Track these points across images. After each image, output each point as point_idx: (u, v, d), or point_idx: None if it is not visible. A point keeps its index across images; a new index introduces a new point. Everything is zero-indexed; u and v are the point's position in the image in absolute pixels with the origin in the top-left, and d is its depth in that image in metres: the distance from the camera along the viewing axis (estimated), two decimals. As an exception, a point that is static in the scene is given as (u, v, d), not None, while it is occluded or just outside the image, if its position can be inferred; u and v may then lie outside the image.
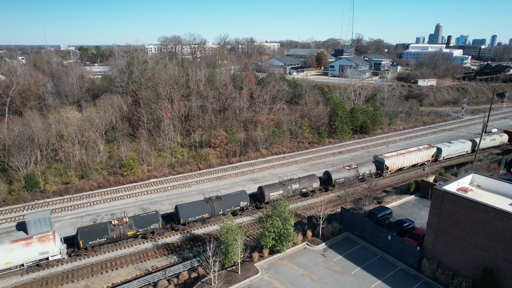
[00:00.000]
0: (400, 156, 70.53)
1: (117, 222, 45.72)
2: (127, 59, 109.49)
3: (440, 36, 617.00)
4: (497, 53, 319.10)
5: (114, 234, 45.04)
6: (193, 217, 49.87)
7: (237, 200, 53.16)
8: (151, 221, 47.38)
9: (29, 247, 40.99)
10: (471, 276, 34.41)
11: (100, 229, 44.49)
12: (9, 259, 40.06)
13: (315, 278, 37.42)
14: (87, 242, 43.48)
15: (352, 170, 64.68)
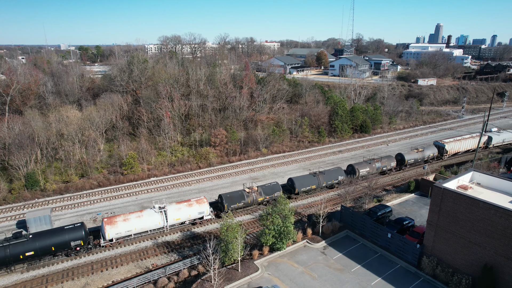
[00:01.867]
0: (457, 142, 79.86)
1: (250, 190, 54.12)
2: (127, 59, 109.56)
3: (440, 36, 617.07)
4: (497, 52, 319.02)
5: (248, 199, 53.78)
6: (304, 187, 58.72)
7: (336, 174, 62.59)
8: (275, 190, 55.87)
9: (191, 207, 49.95)
10: (471, 274, 34.44)
11: (238, 195, 52.94)
12: (178, 216, 49.28)
13: (315, 276, 37.45)
14: (230, 205, 52.02)
15: (420, 153, 74.00)
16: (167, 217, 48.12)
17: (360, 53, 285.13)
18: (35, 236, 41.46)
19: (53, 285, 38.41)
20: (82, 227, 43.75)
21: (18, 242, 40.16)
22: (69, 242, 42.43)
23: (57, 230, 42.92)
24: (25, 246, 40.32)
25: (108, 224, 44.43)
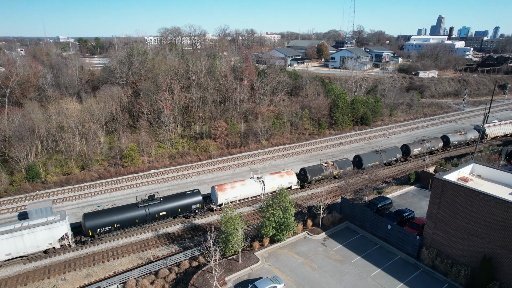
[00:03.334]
0: (496, 126, 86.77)
1: (326, 165, 62.00)
2: (127, 51, 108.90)
3: (442, 28, 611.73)
4: (499, 44, 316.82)
5: (326, 172, 61.16)
6: (370, 163, 65.76)
7: (394, 152, 70.40)
8: (347, 165, 63.74)
9: (282, 178, 57.39)
10: (469, 264, 34.68)
11: (318, 168, 60.92)
12: (273, 185, 56.07)
13: (315, 267, 37.73)
14: (312, 177, 59.33)
15: (463, 135, 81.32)
16: (264, 185, 55.73)
17: (361, 45, 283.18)
18: (165, 199, 48.93)
19: (55, 276, 38.76)
20: (200, 193, 51.41)
21: (153, 203, 47.38)
22: (191, 205, 50.24)
23: (181, 195, 50.42)
24: (159, 207, 47.65)
25: (219, 191, 51.87)
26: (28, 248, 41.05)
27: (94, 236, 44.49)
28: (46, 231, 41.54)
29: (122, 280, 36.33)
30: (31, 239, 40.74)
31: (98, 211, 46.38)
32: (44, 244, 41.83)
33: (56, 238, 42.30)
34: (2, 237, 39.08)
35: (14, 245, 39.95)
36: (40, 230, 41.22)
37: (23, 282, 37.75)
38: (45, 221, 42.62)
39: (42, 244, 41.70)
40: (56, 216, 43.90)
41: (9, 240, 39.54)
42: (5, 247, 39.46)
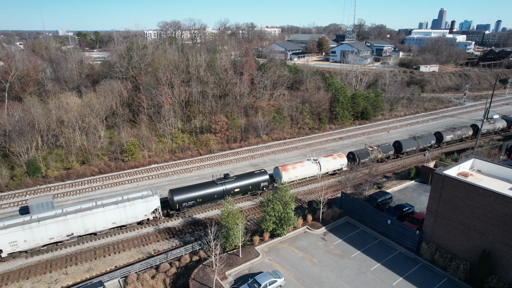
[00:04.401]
0: None
1: (372, 149, 67.40)
2: (127, 45, 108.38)
3: (443, 21, 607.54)
4: (501, 38, 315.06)
5: (372, 156, 66.74)
6: (409, 148, 71.76)
7: (429, 139, 75.94)
8: (389, 149, 69.69)
9: (335, 160, 62.59)
10: (469, 259, 34.87)
11: (365, 152, 66.22)
12: (327, 166, 61.47)
13: (315, 261, 37.95)
14: (361, 159, 64.75)
15: (492, 125, 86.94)
16: (320, 167, 60.86)
17: (361, 39, 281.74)
18: (238, 177, 54.11)
19: (57, 270, 39.02)
20: (267, 173, 56.83)
21: (229, 181, 52.74)
22: (260, 183, 55.60)
23: (251, 174, 55.71)
24: (233, 184, 52.91)
25: (283, 171, 57.12)
26: (129, 218, 46.46)
27: (180, 209, 49.28)
28: (143, 204, 46.73)
29: (123, 274, 36.58)
30: (131, 210, 46.15)
31: (183, 187, 51.23)
32: (141, 215, 47.16)
33: (150, 211, 47.55)
34: (109, 207, 44.56)
35: (118, 215, 45.42)
36: (139, 203, 46.39)
37: (25, 276, 38.02)
38: (141, 195, 47.74)
39: (139, 215, 47.05)
40: (148, 191, 48.77)
41: (115, 210, 44.95)
42: (111, 216, 44.98)
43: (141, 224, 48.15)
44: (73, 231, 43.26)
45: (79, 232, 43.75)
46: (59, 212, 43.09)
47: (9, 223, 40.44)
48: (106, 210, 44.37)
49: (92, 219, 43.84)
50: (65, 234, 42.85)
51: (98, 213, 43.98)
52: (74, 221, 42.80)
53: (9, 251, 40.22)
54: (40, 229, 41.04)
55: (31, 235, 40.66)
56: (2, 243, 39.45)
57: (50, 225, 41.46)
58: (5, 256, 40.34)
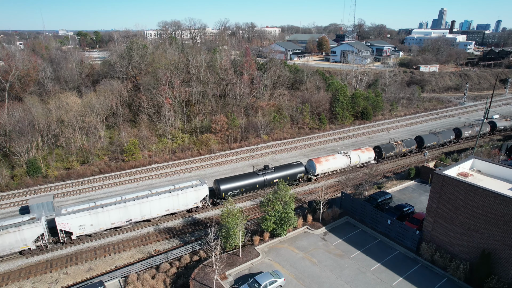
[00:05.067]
0: None
1: (396, 143, 70.53)
2: (127, 44, 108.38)
3: (443, 21, 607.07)
4: (501, 38, 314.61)
5: (397, 150, 69.63)
6: (430, 143, 75.09)
7: (449, 134, 79.75)
8: (412, 144, 72.79)
9: (363, 153, 65.58)
10: (468, 259, 34.92)
11: (390, 146, 69.16)
12: (356, 159, 64.50)
13: (315, 261, 37.99)
14: (386, 153, 68.42)
15: (509, 121, 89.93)
16: (350, 159, 63.41)
17: (362, 39, 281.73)
18: (277, 168, 57.38)
19: (57, 270, 39.08)
20: (302, 164, 59.78)
21: (269, 172, 56.12)
22: (296, 174, 58.52)
23: (288, 165, 58.78)
24: (273, 175, 56.09)
25: (317, 163, 60.26)
26: (181, 206, 49.76)
27: (225, 198, 51.60)
28: (194, 192, 50.09)
29: (124, 274, 36.62)
30: (183, 198, 49.44)
31: (228, 177, 54.77)
32: (191, 203, 50.51)
33: (199, 199, 50.94)
34: (164, 195, 47.93)
35: (171, 202, 48.59)
36: (190, 192, 49.66)
37: (25, 276, 38.08)
38: (191, 184, 51.02)
39: (190, 203, 50.38)
40: (197, 181, 51.95)
41: (169, 198, 48.22)
42: (165, 204, 48.25)
43: (190, 212, 51.41)
44: (132, 217, 46.70)
45: (137, 218, 47.18)
46: (119, 200, 46.64)
47: (78, 208, 44.12)
48: (161, 198, 47.66)
49: (149, 206, 47.21)
50: (125, 219, 46.32)
51: (154, 200, 47.37)
52: (133, 207, 46.20)
53: (78, 233, 43.82)
54: (104, 214, 44.58)
55: (96, 220, 44.30)
56: (73, 226, 43.19)
57: (112, 211, 44.99)
58: (75, 238, 44.03)
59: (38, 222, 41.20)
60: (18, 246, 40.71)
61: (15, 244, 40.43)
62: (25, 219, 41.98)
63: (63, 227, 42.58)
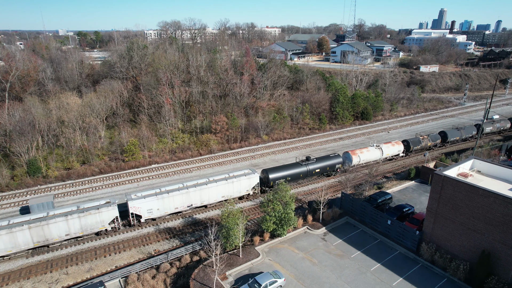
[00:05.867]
0: None
1: (422, 138, 74.88)
2: (127, 45, 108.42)
3: (443, 21, 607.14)
4: (501, 38, 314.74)
5: (423, 144, 73.87)
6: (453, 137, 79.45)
7: (471, 130, 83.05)
8: (437, 138, 77.19)
9: (393, 146, 69.49)
10: (468, 259, 34.94)
11: (417, 140, 73.54)
12: (388, 152, 68.76)
13: (315, 261, 38.02)
14: (414, 147, 72.14)
15: None
16: (382, 152, 67.91)
17: (362, 39, 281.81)
18: (318, 159, 61.03)
19: (57, 270, 39.11)
20: (340, 156, 63.97)
21: (311, 162, 59.75)
22: (335, 165, 62.61)
23: (327, 157, 62.72)
24: (315, 165, 59.84)
25: (353, 155, 64.56)
26: (235, 193, 53.35)
27: (273, 186, 54.64)
28: (247, 180, 53.80)
29: (124, 274, 36.65)
30: (237, 185, 53.22)
31: (275, 167, 58.43)
32: (243, 190, 54.24)
33: (251, 186, 54.72)
34: (221, 182, 51.62)
35: (227, 189, 52.12)
36: (243, 179, 53.38)
37: (26, 276, 38.11)
38: (243, 173, 54.55)
39: (242, 190, 54.18)
40: (248, 170, 55.42)
41: (225, 185, 51.87)
42: (222, 191, 51.62)
43: (241, 199, 55.26)
44: (192, 203, 50.37)
45: (196, 204, 50.87)
46: (181, 186, 50.12)
47: (146, 194, 47.74)
48: (218, 185, 51.33)
49: (207, 192, 50.93)
50: (186, 205, 49.99)
51: (212, 187, 50.95)
52: (194, 194, 49.84)
53: (146, 217, 47.41)
54: (169, 199, 48.22)
55: (162, 205, 47.91)
56: (142, 210, 46.70)
57: (176, 197, 48.62)
58: (143, 221, 47.59)
59: (114, 205, 45.11)
60: (97, 227, 44.65)
61: (95, 225, 44.39)
62: (102, 203, 45.54)
63: (134, 210, 46.09)
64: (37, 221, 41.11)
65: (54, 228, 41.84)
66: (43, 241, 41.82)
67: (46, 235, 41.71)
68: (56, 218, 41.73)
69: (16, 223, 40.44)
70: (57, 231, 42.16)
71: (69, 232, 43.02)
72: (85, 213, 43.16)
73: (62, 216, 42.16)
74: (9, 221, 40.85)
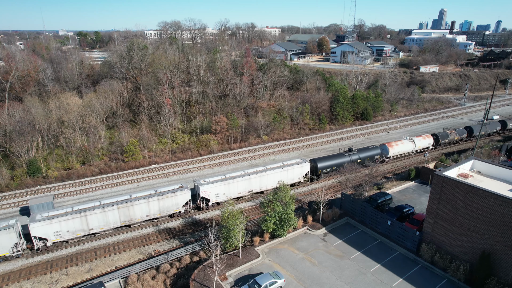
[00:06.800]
0: None
1: (450, 132, 79.74)
2: (127, 45, 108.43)
3: (443, 22, 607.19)
4: (501, 39, 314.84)
5: (450, 137, 78.20)
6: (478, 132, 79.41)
7: (495, 126, 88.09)
8: (463, 133, 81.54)
9: (424, 139, 74.70)
10: (468, 260, 34.93)
11: (445, 134, 78.33)
12: (419, 145, 73.62)
13: (315, 262, 38.01)
14: (442, 140, 77.10)
15: None
16: (415, 144, 72.63)
17: (362, 39, 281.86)
18: (359, 150, 66.22)
19: (57, 270, 39.10)
20: (379, 148, 69.35)
21: (353, 153, 64.84)
22: (374, 156, 67.68)
23: (366, 148, 67.71)
24: (356, 156, 64.85)
25: (389, 147, 69.13)
26: (288, 180, 57.33)
27: (320, 174, 60.47)
28: (299, 168, 58.64)
29: (124, 275, 36.64)
30: (291, 173, 57.84)
31: (322, 157, 63.34)
32: (296, 178, 58.84)
33: (302, 174, 59.61)
34: (277, 170, 56.41)
35: (281, 177, 55.48)
36: (296, 168, 58.06)
37: (25, 277, 38.11)
38: (296, 162, 59.14)
39: (295, 177, 58.76)
40: (299, 159, 60.05)
41: (281, 173, 56.42)
42: (277, 178, 54.99)
43: (293, 186, 59.06)
44: (253, 188, 55.01)
45: (256, 189, 55.45)
46: (243, 173, 54.81)
47: (214, 179, 52.39)
48: (275, 172, 55.78)
49: (266, 179, 55.52)
50: (247, 190, 54.65)
51: (270, 174, 55.52)
52: (255, 180, 54.60)
53: (213, 201, 51.62)
54: (234, 185, 52.77)
55: (228, 189, 52.33)
56: (211, 194, 51.06)
57: (240, 182, 53.15)
58: (210, 205, 51.74)
59: (187, 189, 49.37)
60: (172, 209, 48.84)
61: (171, 207, 48.61)
62: (176, 187, 50.01)
63: (204, 194, 50.37)
64: (123, 202, 45.78)
65: (138, 209, 46.40)
66: (128, 220, 46.43)
67: (131, 215, 46.32)
68: (139, 200, 46.36)
69: (108, 204, 45.24)
70: (140, 212, 46.71)
71: (149, 213, 47.41)
72: (163, 196, 47.44)
73: (144, 198, 46.62)
74: (100, 202, 45.79)
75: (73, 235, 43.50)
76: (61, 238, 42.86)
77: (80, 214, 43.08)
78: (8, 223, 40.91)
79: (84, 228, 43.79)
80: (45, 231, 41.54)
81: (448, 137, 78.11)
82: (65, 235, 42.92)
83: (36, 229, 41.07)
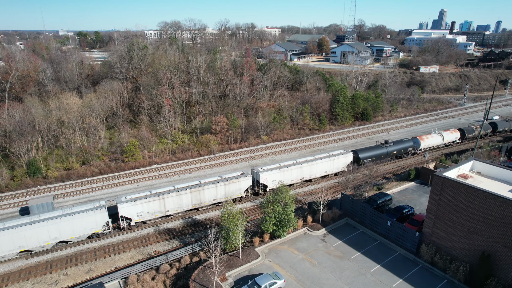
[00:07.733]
0: None
1: (475, 127, 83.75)
2: (127, 45, 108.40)
3: (443, 22, 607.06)
4: (501, 39, 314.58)
5: (476, 132, 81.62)
6: (502, 128, 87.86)
7: None
8: (488, 128, 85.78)
9: (451, 134, 78.82)
10: (468, 261, 34.91)
11: (471, 129, 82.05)
12: (447, 139, 77.76)
13: (315, 263, 37.99)
14: (468, 135, 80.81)
15: None
16: (443, 138, 77.17)
17: (362, 40, 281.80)
18: (394, 143, 70.98)
19: (57, 271, 39.10)
20: (411, 140, 73.40)
21: (389, 145, 69.41)
22: (408, 148, 72.03)
23: (401, 141, 72.27)
24: (392, 148, 69.73)
25: (421, 139, 73.56)
26: (333, 169, 63.06)
27: (362, 164, 64.01)
28: (343, 158, 63.16)
29: (124, 276, 36.64)
30: (337, 163, 62.53)
31: (363, 148, 68.75)
32: (340, 167, 63.73)
33: (346, 164, 64.09)
34: (325, 160, 60.49)
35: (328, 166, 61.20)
36: (341, 158, 62.72)
37: (25, 277, 38.09)
38: (340, 152, 63.82)
39: (339, 167, 63.64)
40: (343, 150, 64.72)
41: (328, 162, 61.07)
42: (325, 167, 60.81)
43: (336, 175, 63.85)
44: (304, 176, 59.18)
45: (305, 177, 59.73)
46: (295, 162, 58.45)
47: (271, 167, 56.62)
48: (323, 162, 60.31)
49: (315, 168, 59.93)
50: (299, 178, 58.81)
51: (319, 163, 59.86)
52: (306, 168, 58.96)
53: (270, 187, 55.29)
54: (288, 172, 56.87)
55: (283, 177, 56.12)
56: (269, 181, 55.23)
57: (293, 170, 57.50)
58: (268, 191, 54.87)
59: (249, 176, 53.65)
60: (235, 194, 53.03)
61: (234, 192, 52.84)
62: (238, 174, 54.05)
63: (263, 181, 54.54)
64: (195, 186, 49.81)
65: (207, 193, 50.64)
66: (198, 204, 50.55)
67: (201, 199, 50.50)
68: (209, 184, 50.52)
69: (182, 188, 49.49)
70: (208, 196, 50.94)
71: (216, 197, 51.53)
72: (228, 181, 51.73)
73: (213, 183, 50.80)
74: (174, 187, 49.69)
75: (152, 216, 47.48)
76: (142, 218, 46.86)
77: (159, 197, 47.07)
78: (100, 203, 45.00)
79: (161, 210, 47.88)
80: (130, 211, 45.58)
81: (473, 132, 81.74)
82: (146, 215, 46.95)
83: (123, 209, 45.11)
